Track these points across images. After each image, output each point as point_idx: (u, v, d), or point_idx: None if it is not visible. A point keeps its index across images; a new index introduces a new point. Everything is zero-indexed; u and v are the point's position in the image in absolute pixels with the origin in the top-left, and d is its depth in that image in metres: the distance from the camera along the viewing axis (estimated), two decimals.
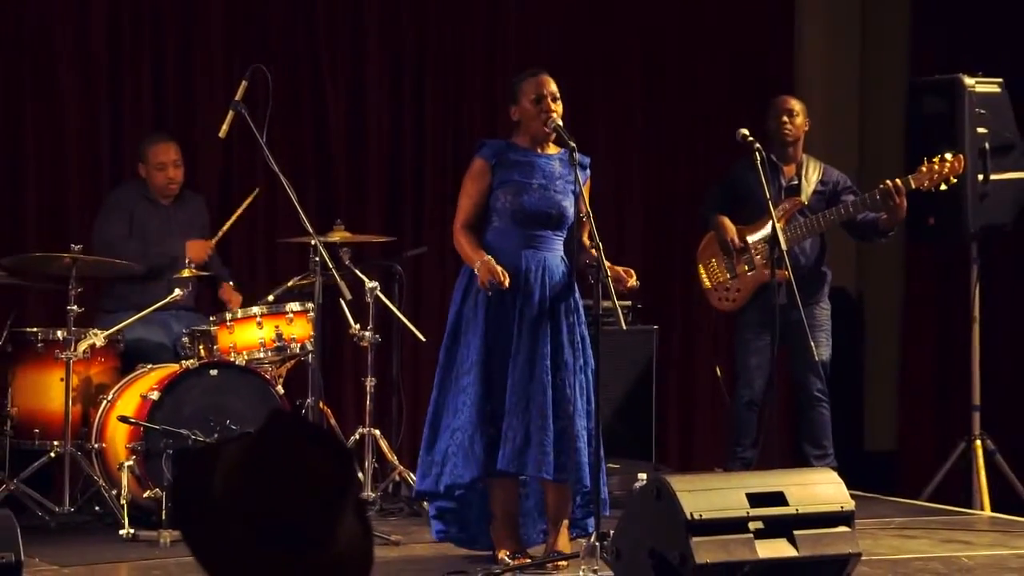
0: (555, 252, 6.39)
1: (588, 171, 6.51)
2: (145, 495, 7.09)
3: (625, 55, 9.80)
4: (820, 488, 6.09)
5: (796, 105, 8.07)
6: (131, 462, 7.10)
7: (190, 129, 8.78)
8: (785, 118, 8.00)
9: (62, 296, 7.48)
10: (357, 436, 7.76)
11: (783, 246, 7.18)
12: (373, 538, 2.33)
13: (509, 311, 6.29)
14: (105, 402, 7.45)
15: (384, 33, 9.26)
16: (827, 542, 5.95)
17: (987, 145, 8.19)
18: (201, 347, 7.58)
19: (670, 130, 9.89)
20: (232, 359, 7.48)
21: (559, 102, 6.37)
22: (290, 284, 7.84)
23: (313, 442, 2.28)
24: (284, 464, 2.23)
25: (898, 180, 7.71)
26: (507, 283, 6.19)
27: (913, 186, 7.74)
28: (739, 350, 8.09)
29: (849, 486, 6.21)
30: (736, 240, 7.96)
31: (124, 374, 7.64)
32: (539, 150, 6.42)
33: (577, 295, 6.41)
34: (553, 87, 6.38)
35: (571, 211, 6.37)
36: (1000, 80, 8.36)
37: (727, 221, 7.99)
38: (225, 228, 8.09)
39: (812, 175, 8.04)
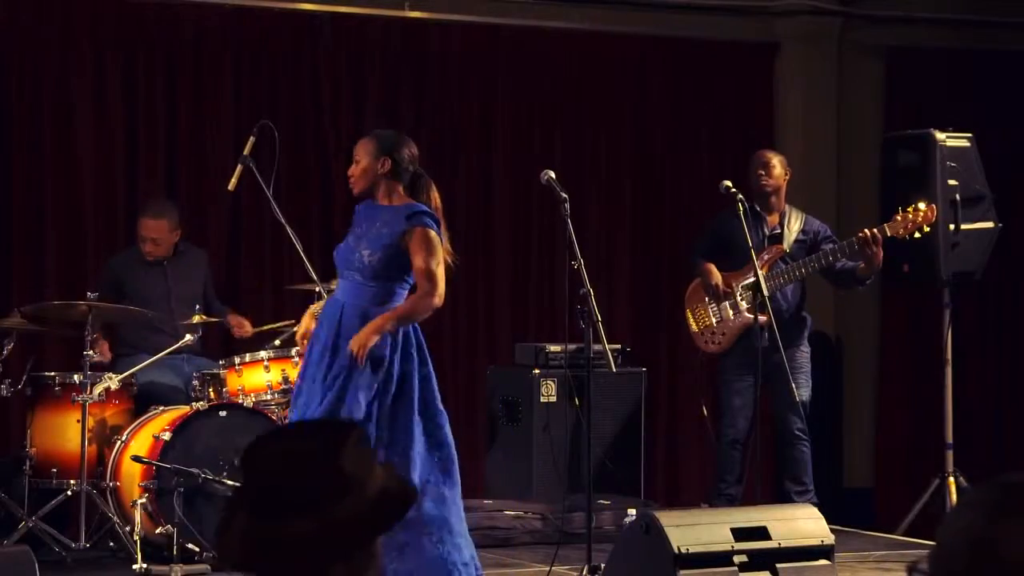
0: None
1: (413, 221, 5.86)
2: (157, 531, 7.01)
3: (615, 112, 9.75)
4: (801, 523, 6.08)
5: (773, 158, 8.04)
6: (144, 500, 7.04)
7: (201, 183, 8.76)
8: (761, 171, 7.97)
9: (78, 342, 7.41)
10: None
11: (765, 292, 7.15)
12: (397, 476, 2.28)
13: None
14: (119, 442, 7.39)
15: (384, 93, 9.24)
16: (808, 575, 5.90)
17: (958, 196, 8.18)
18: (211, 389, 7.53)
19: (657, 182, 9.84)
20: (240, 401, 7.43)
21: (355, 164, 5.96)
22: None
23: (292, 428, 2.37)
24: (281, 447, 2.25)
25: (875, 229, 7.66)
26: None
27: (889, 234, 7.70)
28: (723, 391, 8.01)
29: (829, 521, 6.19)
30: (721, 285, 7.92)
31: (137, 416, 7.57)
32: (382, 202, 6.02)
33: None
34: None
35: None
36: (970, 135, 8.36)
37: (712, 268, 7.95)
38: (262, 328, 7.99)
39: (794, 224, 8.00)
